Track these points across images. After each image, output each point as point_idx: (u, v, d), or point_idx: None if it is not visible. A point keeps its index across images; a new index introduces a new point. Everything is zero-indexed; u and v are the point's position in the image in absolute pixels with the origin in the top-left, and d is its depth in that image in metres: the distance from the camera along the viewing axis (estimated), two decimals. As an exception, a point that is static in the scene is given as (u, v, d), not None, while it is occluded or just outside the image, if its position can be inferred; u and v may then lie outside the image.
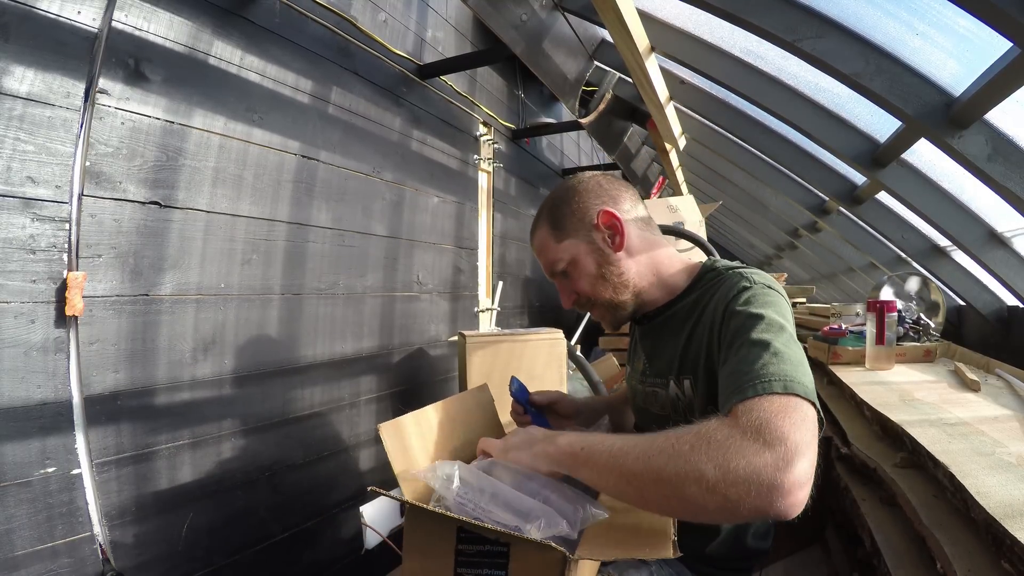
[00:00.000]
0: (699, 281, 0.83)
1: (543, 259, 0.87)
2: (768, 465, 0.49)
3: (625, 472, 0.57)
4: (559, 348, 1.83)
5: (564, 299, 0.88)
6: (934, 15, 1.08)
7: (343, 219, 1.73)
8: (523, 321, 3.14)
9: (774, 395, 0.55)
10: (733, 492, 0.50)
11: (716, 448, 0.52)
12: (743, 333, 0.66)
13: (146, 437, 1.18)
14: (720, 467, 0.50)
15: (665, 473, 0.54)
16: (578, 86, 2.31)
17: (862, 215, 2.00)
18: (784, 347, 0.62)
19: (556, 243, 0.84)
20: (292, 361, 1.55)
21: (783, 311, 0.70)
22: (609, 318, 0.87)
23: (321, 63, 1.65)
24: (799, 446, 0.50)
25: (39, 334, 1.01)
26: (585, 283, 0.84)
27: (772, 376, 0.57)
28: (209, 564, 1.28)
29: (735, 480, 0.50)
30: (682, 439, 0.55)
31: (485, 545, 0.56)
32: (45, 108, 1.01)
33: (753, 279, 0.74)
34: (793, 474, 0.49)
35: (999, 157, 1.16)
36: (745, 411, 0.55)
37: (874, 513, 0.98)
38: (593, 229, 0.82)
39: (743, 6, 1.27)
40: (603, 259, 0.82)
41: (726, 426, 0.54)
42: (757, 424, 0.52)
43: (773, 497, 0.49)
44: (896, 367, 1.49)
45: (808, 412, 0.55)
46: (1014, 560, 0.60)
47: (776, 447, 0.50)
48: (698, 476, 0.51)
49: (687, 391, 0.79)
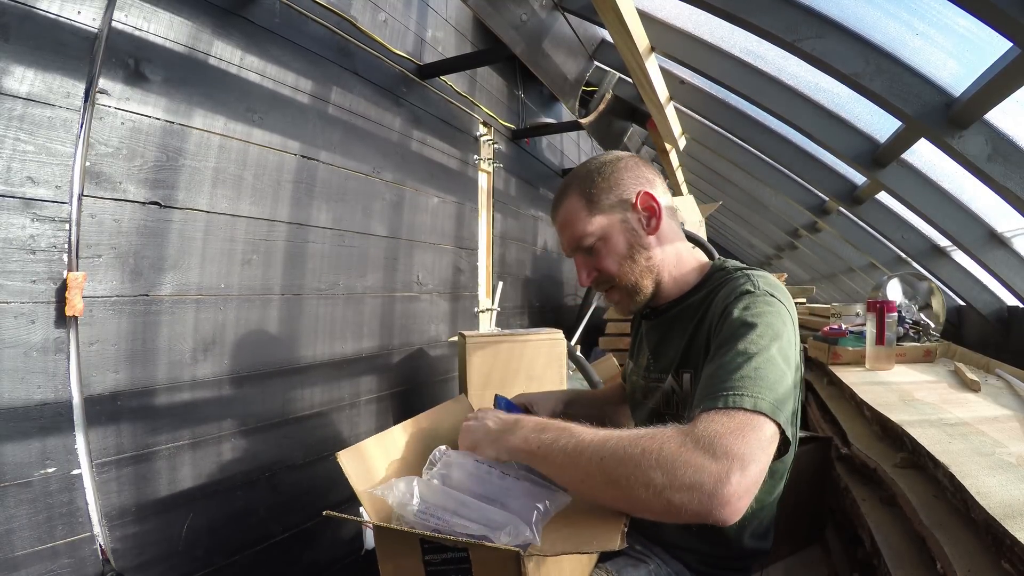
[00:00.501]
0: (708, 280, 0.83)
1: (568, 232, 0.84)
2: (711, 476, 0.52)
3: (579, 471, 0.61)
4: (559, 348, 1.83)
5: (582, 276, 0.85)
6: (934, 15, 1.08)
7: (343, 219, 1.73)
8: (523, 321, 3.14)
9: (740, 410, 0.58)
10: (677, 498, 0.53)
11: (666, 456, 0.55)
12: (732, 340, 0.66)
13: (146, 437, 1.18)
14: (667, 474, 0.54)
15: (615, 475, 0.57)
16: (578, 86, 2.31)
17: (862, 215, 2.00)
18: (766, 362, 0.62)
19: (588, 216, 0.81)
20: (292, 361, 1.55)
21: (779, 321, 0.68)
22: (626, 302, 0.86)
23: (321, 63, 1.65)
24: (744, 461, 0.53)
25: (39, 334, 1.01)
26: (612, 262, 0.82)
27: (744, 390, 0.59)
28: (209, 564, 1.28)
29: (679, 487, 0.53)
30: (635, 443, 0.58)
31: (448, 553, 0.59)
32: (45, 108, 1.01)
33: (758, 283, 0.74)
34: (732, 486, 0.52)
35: (999, 157, 1.16)
36: (705, 420, 0.57)
37: (874, 513, 0.98)
38: (630, 208, 0.81)
39: (743, 6, 1.27)
40: (636, 240, 0.81)
41: (681, 434, 0.57)
42: (710, 436, 0.55)
43: (712, 505, 0.52)
44: (896, 367, 1.49)
45: (767, 430, 0.58)
46: (1014, 560, 0.60)
47: (721, 460, 0.53)
48: (646, 481, 0.55)
49: (685, 385, 0.79)
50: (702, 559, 0.82)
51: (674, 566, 0.82)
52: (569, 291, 4.02)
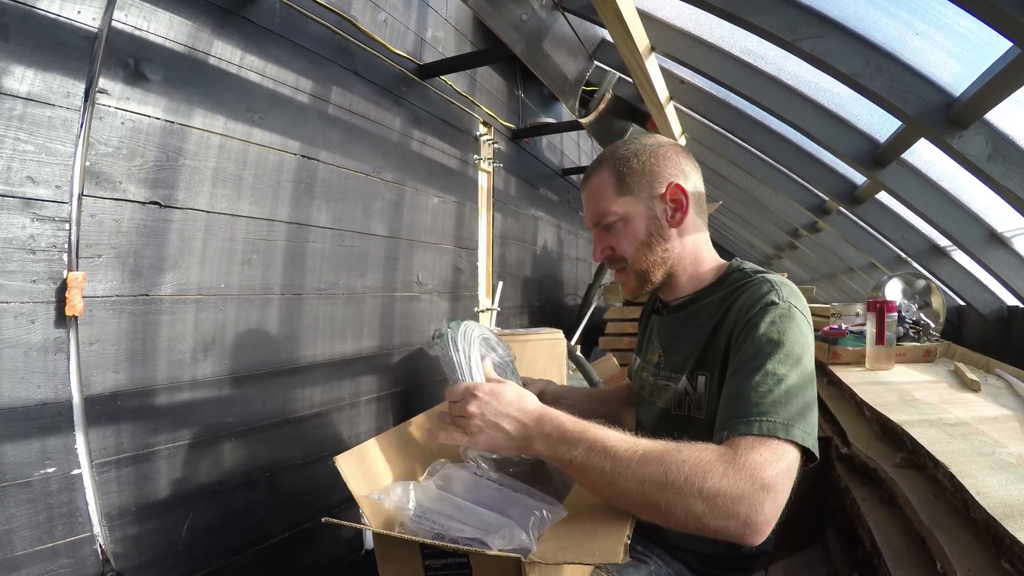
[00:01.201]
0: (725, 280, 0.83)
1: (593, 205, 0.84)
2: (747, 507, 0.56)
3: (615, 490, 0.61)
4: (559, 348, 1.83)
5: (597, 251, 0.86)
6: (934, 15, 1.08)
7: (343, 219, 1.72)
8: (523, 321, 3.14)
9: (774, 438, 0.60)
10: (713, 524, 0.57)
11: (709, 488, 0.57)
12: (760, 358, 0.67)
13: (146, 437, 1.18)
14: (708, 503, 0.56)
15: (655, 500, 0.58)
16: (578, 86, 2.31)
17: (862, 215, 2.00)
18: (797, 385, 0.64)
19: (615, 195, 0.82)
20: (292, 361, 1.55)
21: (804, 338, 0.70)
22: (633, 286, 0.86)
23: (321, 63, 1.64)
24: (776, 493, 0.57)
25: (39, 334, 1.01)
26: (628, 245, 0.82)
27: (777, 416, 0.61)
28: (209, 564, 1.28)
29: (718, 516, 0.56)
30: (677, 468, 0.58)
31: (448, 558, 0.59)
32: (45, 108, 1.01)
33: (781, 293, 0.73)
34: (765, 515, 0.56)
35: (999, 157, 1.16)
36: (745, 449, 0.59)
37: (874, 513, 0.98)
38: (658, 198, 0.81)
39: (743, 6, 1.27)
40: (656, 229, 0.81)
41: (722, 463, 0.58)
42: (751, 467, 0.58)
43: (744, 533, 0.56)
44: (896, 367, 1.49)
45: (794, 457, 0.61)
46: (1014, 560, 0.60)
47: (758, 491, 0.56)
48: (687, 509, 0.57)
49: (699, 388, 0.78)
50: (702, 559, 0.82)
51: (674, 566, 0.82)
52: (569, 291, 4.03)
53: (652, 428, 0.86)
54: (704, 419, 0.76)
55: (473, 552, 0.57)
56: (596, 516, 0.64)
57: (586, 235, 4.53)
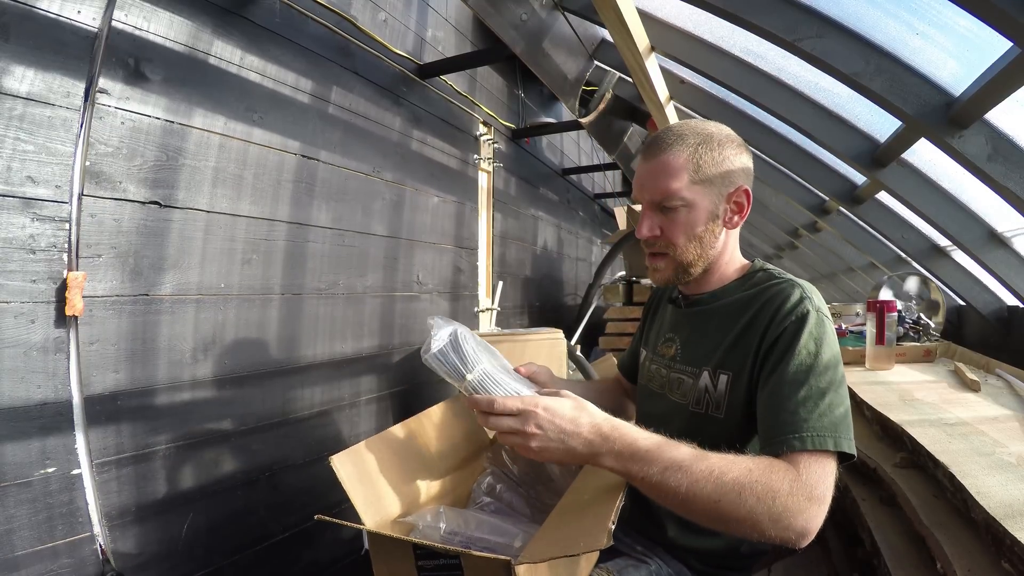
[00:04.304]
0: (748, 279, 0.82)
1: (660, 182, 0.78)
2: (804, 519, 0.60)
3: (688, 508, 0.63)
4: (559, 348, 1.83)
5: (643, 228, 0.80)
6: (934, 15, 1.08)
7: (343, 219, 1.72)
8: (523, 321, 3.14)
9: (825, 453, 0.64)
10: (773, 534, 0.60)
11: (777, 508, 0.60)
12: (804, 371, 0.68)
13: (146, 437, 1.18)
14: (774, 520, 0.60)
15: (727, 517, 0.61)
16: (578, 86, 2.30)
17: (862, 215, 2.00)
18: (837, 397, 0.68)
19: (688, 180, 0.77)
20: (292, 361, 1.55)
21: (837, 346, 0.72)
22: (668, 276, 0.83)
23: (321, 63, 1.64)
24: (825, 503, 0.62)
25: (39, 334, 1.01)
26: (681, 233, 0.79)
27: (826, 431, 0.65)
28: (209, 564, 1.28)
29: (779, 528, 0.60)
30: (750, 489, 0.60)
31: (440, 559, 0.61)
32: (45, 108, 1.01)
33: (814, 301, 0.73)
34: (816, 524, 0.61)
35: (999, 157, 1.16)
36: (804, 468, 0.63)
37: (874, 513, 0.98)
38: (725, 197, 0.80)
39: (743, 6, 1.27)
40: (713, 225, 0.80)
41: (789, 482, 0.62)
42: (812, 483, 0.62)
43: (799, 540, 0.61)
44: (896, 367, 1.49)
45: (835, 466, 0.65)
46: (1014, 560, 0.60)
47: (817, 506, 0.61)
48: (754, 524, 0.61)
49: (720, 387, 0.77)
50: (703, 559, 0.82)
51: (675, 566, 0.82)
52: (569, 291, 4.03)
53: (665, 423, 0.82)
54: (723, 418, 0.76)
55: (464, 553, 0.58)
56: (582, 511, 0.66)
57: (586, 235, 4.52)
